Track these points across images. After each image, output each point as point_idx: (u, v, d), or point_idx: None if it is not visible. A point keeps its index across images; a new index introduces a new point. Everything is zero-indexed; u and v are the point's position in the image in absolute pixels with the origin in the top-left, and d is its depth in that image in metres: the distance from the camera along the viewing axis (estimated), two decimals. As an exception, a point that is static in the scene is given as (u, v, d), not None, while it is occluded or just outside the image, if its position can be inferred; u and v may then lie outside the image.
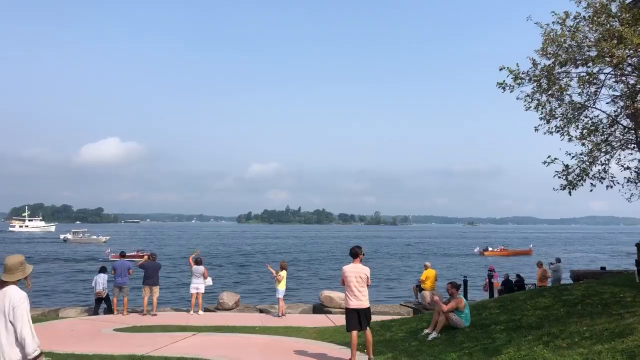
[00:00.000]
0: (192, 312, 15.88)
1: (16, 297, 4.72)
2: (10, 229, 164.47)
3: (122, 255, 16.53)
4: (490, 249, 73.19)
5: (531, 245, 79.14)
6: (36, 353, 4.66)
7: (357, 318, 8.67)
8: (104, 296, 16.41)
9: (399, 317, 15.32)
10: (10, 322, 4.65)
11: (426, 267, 18.26)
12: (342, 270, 8.81)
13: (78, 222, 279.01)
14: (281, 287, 15.57)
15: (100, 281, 16.34)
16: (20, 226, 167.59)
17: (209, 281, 16.50)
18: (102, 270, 16.72)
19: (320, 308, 17.18)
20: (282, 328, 13.26)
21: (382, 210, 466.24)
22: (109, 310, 16.33)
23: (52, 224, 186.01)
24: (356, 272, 8.68)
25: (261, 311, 16.98)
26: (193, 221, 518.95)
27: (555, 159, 11.55)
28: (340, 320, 14.69)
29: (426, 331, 10.80)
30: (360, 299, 8.66)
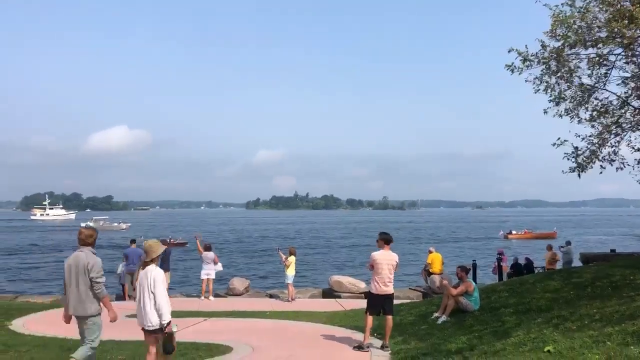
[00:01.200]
0: (203, 297, 16.03)
1: (156, 273, 6.10)
2: (32, 217, 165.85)
3: (133, 242, 16.66)
4: (514, 232, 72.51)
5: (555, 228, 77.99)
6: (167, 320, 5.99)
7: (381, 304, 8.75)
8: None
9: (408, 301, 15.39)
10: (152, 292, 5.98)
11: (430, 252, 18.33)
12: (373, 256, 8.75)
13: (88, 210, 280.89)
14: (290, 273, 15.68)
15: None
16: (42, 214, 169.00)
17: (220, 267, 16.64)
18: None
19: (329, 293, 17.29)
20: (292, 313, 13.37)
21: (389, 195, 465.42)
22: (121, 297, 16.53)
23: (72, 212, 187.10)
24: (388, 259, 8.72)
25: (271, 296, 17.12)
26: (202, 207, 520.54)
27: (565, 140, 11.48)
28: (349, 304, 14.79)
29: (436, 315, 10.86)
30: (388, 286, 8.75)
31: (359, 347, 8.76)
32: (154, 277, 6.05)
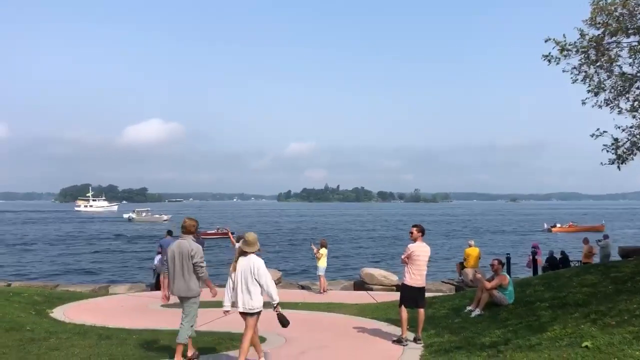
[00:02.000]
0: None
1: (259, 261, 6.77)
2: (76, 208, 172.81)
3: (170, 233, 16.93)
4: (558, 225, 70.22)
5: (603, 221, 74.91)
6: (278, 300, 6.76)
7: (415, 296, 8.73)
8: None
9: (441, 294, 15.27)
10: (256, 279, 6.64)
11: (469, 245, 18.08)
12: (410, 248, 8.69)
13: (124, 202, 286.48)
14: (322, 265, 15.72)
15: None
16: (85, 206, 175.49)
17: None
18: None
19: (361, 285, 17.27)
20: (324, 304, 13.41)
21: (421, 188, 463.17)
22: (156, 287, 16.82)
23: (115, 203, 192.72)
24: (424, 250, 8.71)
25: (303, 288, 17.19)
26: (234, 200, 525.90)
27: (604, 132, 11.16)
28: (380, 297, 14.76)
29: (469, 308, 10.75)
30: (423, 278, 8.73)
31: (398, 340, 8.72)
32: (258, 266, 6.70)
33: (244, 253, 6.86)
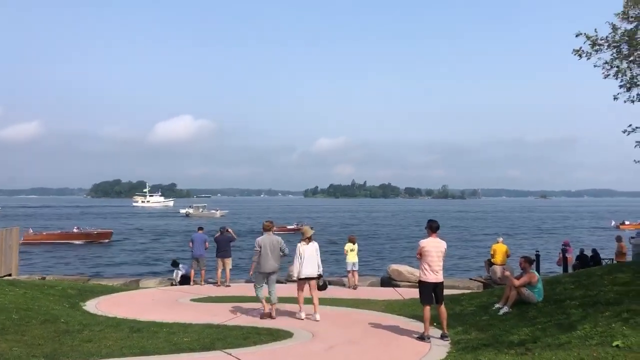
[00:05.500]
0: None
1: (317, 245, 10.87)
2: (134, 204, 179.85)
3: (201, 229, 17.26)
4: (627, 222, 68.18)
5: None
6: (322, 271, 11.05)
7: (433, 292, 8.71)
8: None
9: (469, 291, 15.17)
10: (317, 256, 10.82)
11: (497, 242, 17.88)
12: (421, 243, 8.78)
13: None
14: (350, 260, 15.74)
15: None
16: (142, 202, 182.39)
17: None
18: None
19: (388, 281, 17.24)
20: (352, 300, 13.44)
21: (449, 184, 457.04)
22: (186, 281, 17.12)
23: (170, 199, 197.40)
24: (436, 245, 8.71)
25: (330, 283, 17.22)
26: (262, 195, 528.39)
27: (637, 127, 10.94)
28: (408, 293, 14.72)
29: (497, 305, 10.66)
30: (438, 273, 8.69)
31: (421, 337, 8.75)
32: (317, 248, 10.82)
33: (306, 239, 10.66)
